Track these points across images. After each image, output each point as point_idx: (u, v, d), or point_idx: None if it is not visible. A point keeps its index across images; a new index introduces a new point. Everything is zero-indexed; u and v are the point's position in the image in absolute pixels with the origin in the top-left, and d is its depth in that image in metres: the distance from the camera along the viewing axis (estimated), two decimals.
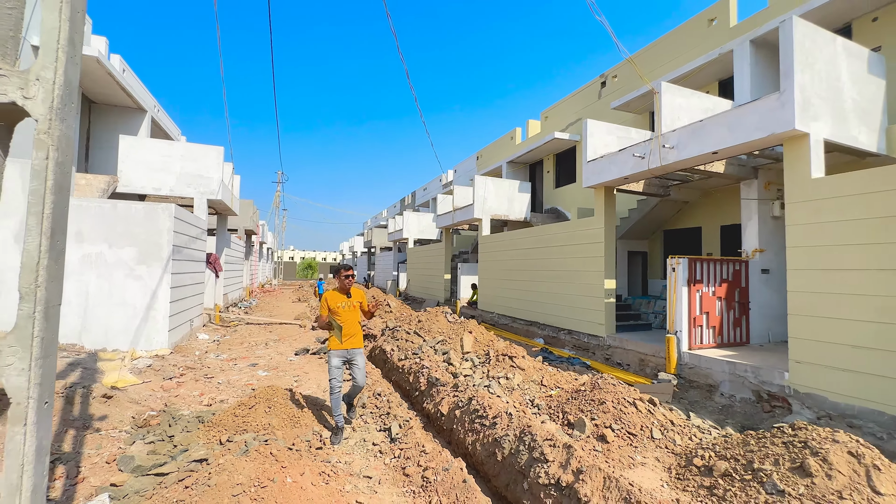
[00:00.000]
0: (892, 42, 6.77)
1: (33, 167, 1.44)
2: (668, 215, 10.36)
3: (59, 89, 1.47)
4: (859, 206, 4.61)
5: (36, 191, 1.44)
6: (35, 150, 1.44)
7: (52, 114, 1.46)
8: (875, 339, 4.44)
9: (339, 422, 4.35)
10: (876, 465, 2.80)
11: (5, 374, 1.38)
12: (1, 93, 1.41)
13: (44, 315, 1.45)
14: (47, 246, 1.45)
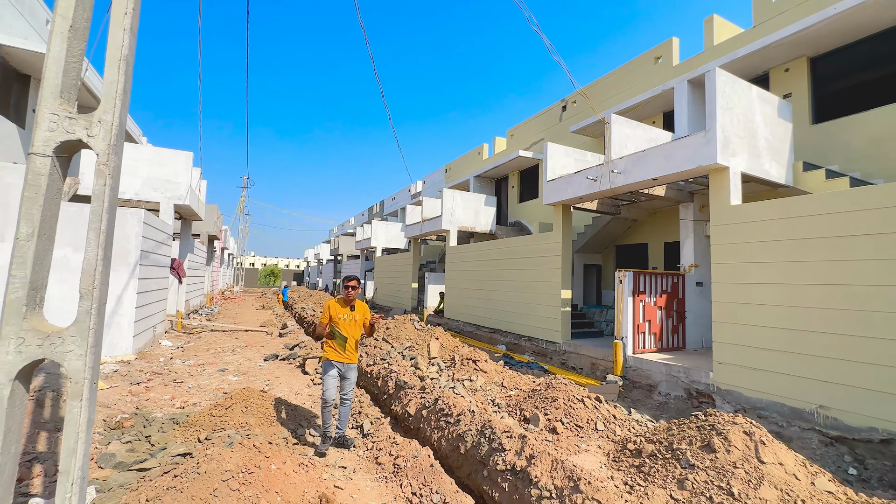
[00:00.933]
0: (800, 89, 7.95)
1: (94, 191, 1.78)
2: (619, 232, 11.31)
3: (115, 129, 1.83)
4: (766, 230, 5.49)
5: (95, 211, 1.78)
6: (95, 178, 1.79)
7: (109, 149, 1.81)
8: (777, 342, 5.28)
9: (328, 431, 4.30)
10: (763, 440, 3.48)
11: (67, 358, 1.70)
12: (69, 132, 1.75)
13: (97, 311, 1.78)
14: (102, 255, 1.79)
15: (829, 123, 7.53)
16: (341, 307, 4.37)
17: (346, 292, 4.36)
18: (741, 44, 8.51)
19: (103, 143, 1.80)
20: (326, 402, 4.23)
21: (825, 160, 7.45)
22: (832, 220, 4.88)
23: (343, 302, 4.40)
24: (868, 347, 4.50)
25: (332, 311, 4.31)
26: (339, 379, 4.38)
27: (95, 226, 1.77)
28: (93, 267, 1.76)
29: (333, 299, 4.47)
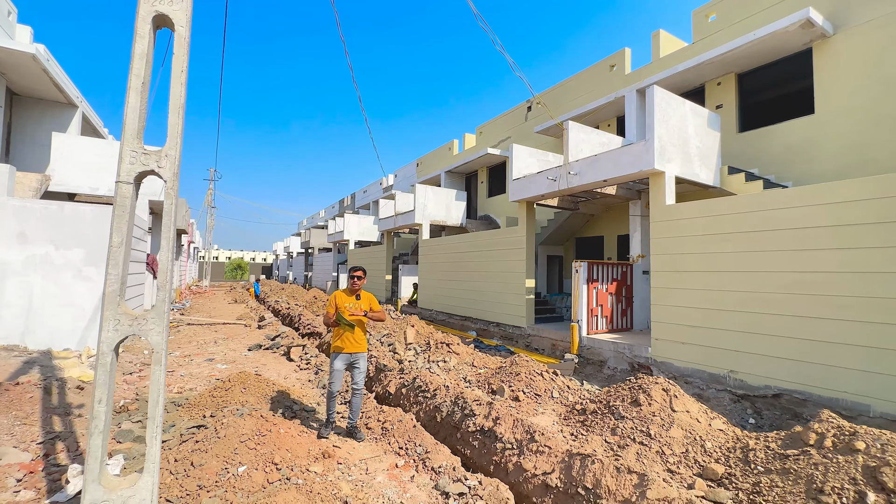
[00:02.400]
0: (729, 101, 9.09)
1: (165, 209, 2.34)
2: (578, 226, 12.34)
3: (177, 161, 2.39)
4: (693, 226, 6.50)
5: (166, 224, 2.35)
6: (165, 199, 2.35)
7: (173, 177, 2.38)
8: (700, 320, 6.33)
9: (331, 417, 4.37)
10: (675, 395, 4.42)
11: (150, 335, 2.28)
12: (145, 164, 2.31)
13: (167, 299, 2.37)
14: (170, 258, 2.37)
15: (753, 132, 8.70)
16: (347, 297, 4.38)
17: (352, 282, 4.39)
18: (681, 59, 9.56)
19: (169, 173, 2.37)
20: (332, 393, 4.26)
21: (749, 164, 8.62)
22: (743, 218, 5.91)
23: (349, 292, 4.42)
24: (766, 321, 5.57)
25: (339, 301, 4.33)
26: (349, 368, 4.41)
27: (167, 235, 2.34)
28: (165, 266, 2.34)
29: (339, 290, 4.49)
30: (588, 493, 3.45)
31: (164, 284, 2.34)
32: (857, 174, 6.97)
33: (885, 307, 4.59)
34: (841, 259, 4.96)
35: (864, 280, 4.77)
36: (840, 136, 7.43)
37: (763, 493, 3.12)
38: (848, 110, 7.37)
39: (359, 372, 4.40)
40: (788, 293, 5.39)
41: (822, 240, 5.11)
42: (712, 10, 9.37)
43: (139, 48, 2.32)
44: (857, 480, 2.79)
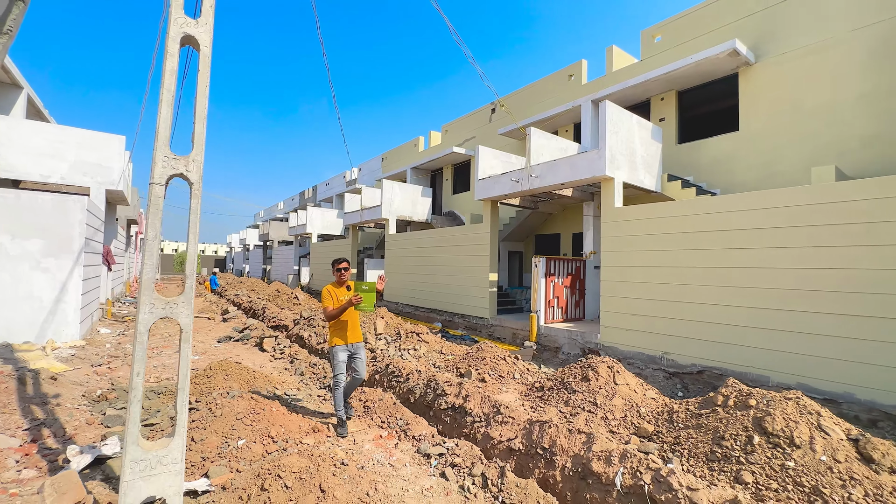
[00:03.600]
0: (670, 115, 10.18)
1: (191, 209, 2.68)
2: (537, 223, 13.20)
3: (201, 166, 2.73)
4: (636, 227, 7.39)
5: (193, 222, 2.68)
6: (192, 200, 2.68)
7: (199, 180, 2.71)
8: (640, 309, 7.24)
9: (340, 415, 4.40)
10: (618, 371, 5.20)
11: (181, 317, 2.62)
12: (175, 168, 2.63)
13: (193, 286, 2.71)
14: (196, 250, 2.71)
15: (689, 144, 9.82)
16: (338, 289, 4.47)
17: (340, 274, 4.49)
18: (631, 75, 10.55)
19: (196, 176, 2.70)
20: (338, 384, 4.36)
21: (686, 173, 9.74)
22: (678, 220, 6.84)
23: (338, 284, 4.52)
24: (694, 310, 6.53)
25: (334, 294, 4.40)
26: (350, 359, 4.51)
27: (194, 230, 2.68)
28: (193, 257, 2.68)
29: (329, 284, 4.54)
30: (545, 451, 4.10)
31: (191, 274, 2.68)
32: (769, 185, 8.18)
33: (782, 297, 5.62)
34: (751, 256, 5.96)
35: (768, 274, 5.78)
36: (757, 152, 8.63)
37: (681, 443, 3.90)
38: (764, 130, 8.58)
39: (360, 360, 4.51)
40: (711, 285, 6.37)
41: (738, 240, 6.10)
42: (658, 32, 10.41)
43: (169, 65, 2.63)
44: (748, 428, 3.61)
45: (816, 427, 3.47)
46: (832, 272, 5.25)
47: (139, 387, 2.51)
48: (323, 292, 4.46)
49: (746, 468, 3.34)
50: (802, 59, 8.10)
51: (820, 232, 5.37)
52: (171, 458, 2.59)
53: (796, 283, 5.53)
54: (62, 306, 7.60)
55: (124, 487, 2.46)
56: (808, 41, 8.02)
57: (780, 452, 3.35)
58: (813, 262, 5.41)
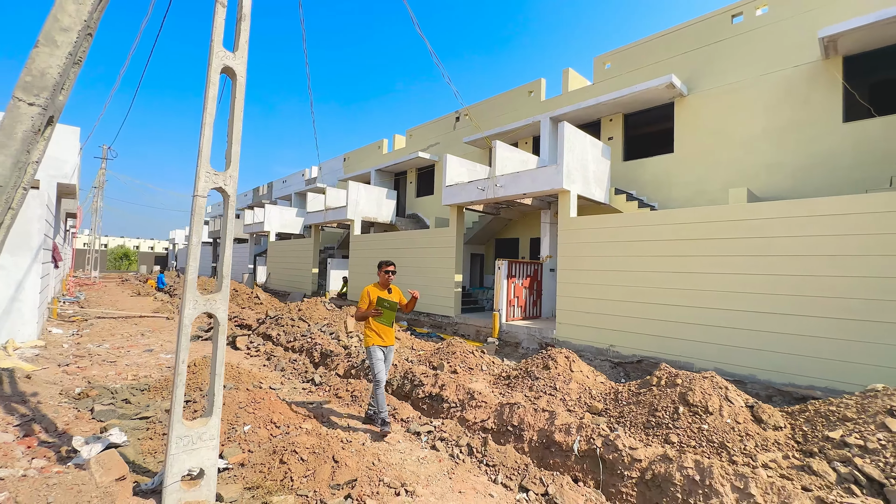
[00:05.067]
0: (618, 135, 11.40)
1: (227, 216, 3.07)
2: (498, 228, 14.08)
3: (236, 181, 3.13)
4: (588, 234, 8.37)
5: (227, 227, 3.08)
6: (228, 210, 3.08)
7: (234, 193, 3.11)
8: (591, 307, 8.22)
9: (384, 416, 4.38)
10: (573, 360, 6.05)
11: (218, 311, 3.01)
12: (215, 182, 3.01)
13: (228, 286, 3.11)
14: (228, 253, 3.11)
15: (633, 161, 11.08)
16: (380, 290, 4.47)
17: (387, 276, 4.50)
18: (584, 97, 11.69)
19: (231, 189, 3.10)
20: (380, 383, 4.36)
21: (630, 187, 10.97)
22: (622, 230, 7.87)
23: (381, 286, 4.51)
24: (634, 308, 7.57)
25: (372, 297, 4.44)
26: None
27: (229, 239, 3.09)
28: (226, 258, 3.08)
29: (371, 284, 4.56)
30: (515, 428, 4.80)
31: (226, 274, 3.09)
32: (697, 202, 9.51)
33: (701, 297, 6.75)
34: (678, 263, 7.07)
35: (691, 278, 6.90)
36: (688, 172, 9.99)
37: (625, 416, 4.76)
38: (694, 153, 9.95)
39: (388, 364, 4.63)
40: (648, 287, 7.44)
41: (669, 249, 7.20)
42: (609, 59, 11.61)
43: (211, 93, 3.01)
44: (675, 401, 4.52)
45: (725, 398, 4.44)
46: (738, 276, 6.43)
47: (183, 372, 2.88)
48: (362, 292, 4.52)
49: (673, 431, 4.23)
50: (724, 95, 9.52)
51: (730, 243, 6.54)
52: (209, 434, 2.98)
53: (712, 285, 6.68)
54: (18, 305, 7.32)
55: (170, 460, 2.82)
56: (728, 81, 9.45)
57: (698, 418, 4.27)
58: (725, 268, 6.57)
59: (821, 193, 8.04)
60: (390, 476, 3.42)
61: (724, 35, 9.52)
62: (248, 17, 3.26)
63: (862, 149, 7.76)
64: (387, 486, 3.30)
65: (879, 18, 7.02)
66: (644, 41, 10.95)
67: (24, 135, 2.27)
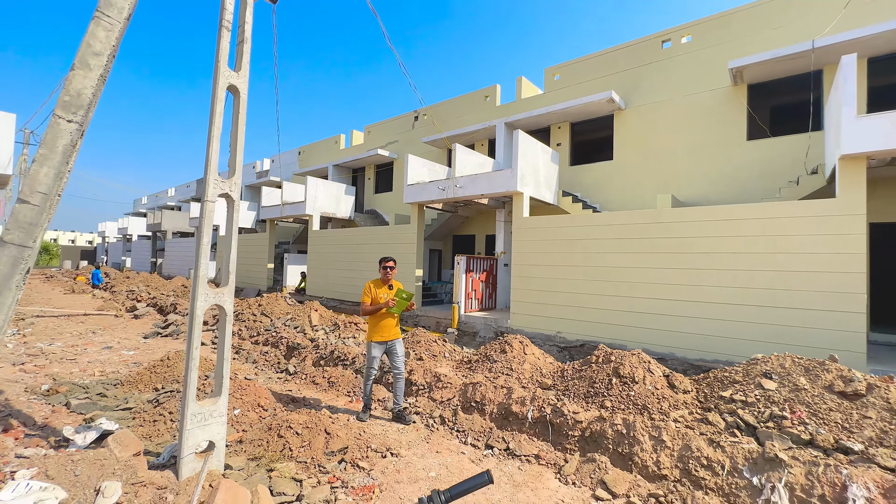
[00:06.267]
0: (566, 142, 12.47)
1: (232, 219, 3.44)
2: (456, 225, 14.80)
3: (239, 187, 3.50)
4: (538, 233, 9.27)
5: (232, 229, 3.45)
6: (234, 214, 3.46)
7: (239, 197, 3.49)
8: (541, 298, 9.15)
9: (367, 400, 4.69)
10: (526, 345, 6.87)
11: (226, 303, 3.39)
12: (222, 188, 3.37)
13: (234, 281, 3.49)
14: (235, 252, 3.49)
15: (578, 166, 12.21)
16: (381, 286, 4.62)
17: (385, 272, 4.67)
18: (535, 106, 12.65)
19: (236, 195, 3.48)
20: (368, 377, 4.63)
21: (575, 189, 12.09)
22: (569, 229, 8.84)
23: (382, 281, 4.67)
24: (577, 298, 8.58)
25: (374, 292, 4.58)
26: (387, 354, 4.74)
27: (235, 240, 3.47)
28: (231, 257, 3.47)
29: (371, 280, 4.67)
30: (478, 403, 5.51)
31: (232, 270, 3.47)
32: (632, 205, 10.76)
33: (631, 289, 7.85)
34: (614, 259, 8.14)
35: (624, 272, 7.99)
36: (624, 178, 11.24)
37: (570, 389, 5.62)
38: (629, 161, 11.21)
39: (398, 357, 4.68)
40: (590, 280, 8.46)
41: (606, 246, 8.25)
42: (558, 71, 12.63)
43: (218, 108, 3.37)
44: (609, 374, 5.44)
45: (648, 370, 5.41)
46: (662, 271, 7.58)
47: (196, 357, 3.25)
48: (364, 288, 4.65)
49: (607, 398, 5.13)
50: (654, 111, 10.82)
51: (656, 242, 7.68)
52: (218, 411, 3.38)
53: (641, 278, 7.80)
54: None
55: (185, 434, 3.20)
56: (658, 98, 10.76)
57: (626, 387, 5.19)
58: (651, 263, 7.71)
59: (729, 201, 9.50)
60: (376, 443, 3.97)
61: (655, 58, 10.81)
62: (249, 40, 3.63)
63: (761, 164, 9.28)
64: (374, 451, 3.86)
65: (775, 56, 8.45)
66: (589, 57, 12.06)
67: (64, 148, 2.57)
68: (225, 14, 3.41)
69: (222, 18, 3.41)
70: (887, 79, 8.67)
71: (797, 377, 4.71)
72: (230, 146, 3.56)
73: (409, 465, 3.69)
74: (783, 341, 6.35)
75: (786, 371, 4.89)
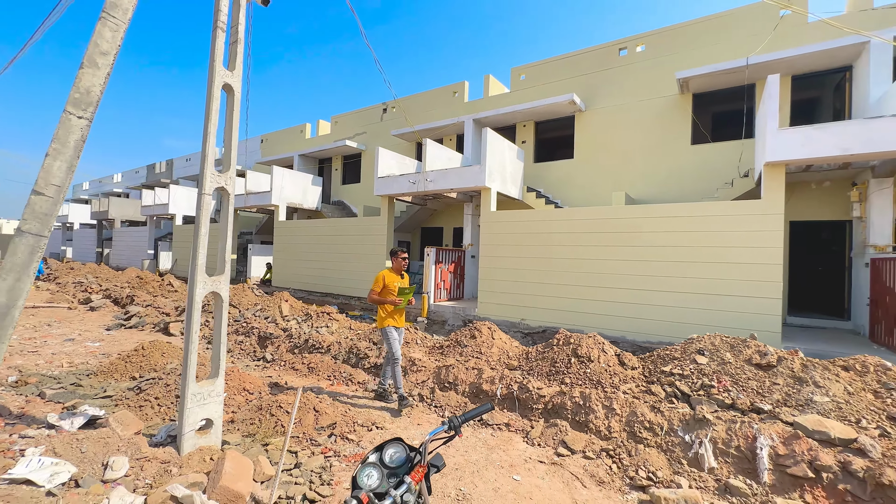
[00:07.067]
0: (530, 140, 13.09)
1: (226, 210, 3.64)
2: (424, 217, 15.14)
3: (234, 181, 3.70)
4: (504, 227, 9.83)
5: (225, 221, 3.66)
6: (229, 206, 3.65)
7: (233, 191, 3.68)
8: (507, 288, 9.74)
9: (402, 392, 4.88)
10: (494, 330, 7.40)
11: (222, 290, 3.60)
12: (218, 182, 3.56)
13: (229, 270, 3.70)
14: (228, 242, 3.70)
15: (542, 164, 12.88)
16: (394, 276, 4.78)
17: (401, 262, 4.86)
18: (502, 104, 13.17)
19: (231, 188, 3.68)
20: (397, 360, 4.80)
21: (539, 186, 12.76)
22: (532, 223, 9.44)
23: (395, 271, 4.82)
24: (540, 288, 9.22)
25: (387, 281, 4.76)
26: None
27: (225, 226, 3.68)
28: (225, 247, 3.68)
29: (386, 270, 4.84)
30: (451, 384, 5.97)
31: (229, 260, 3.69)
32: (591, 202, 11.56)
33: (588, 278, 8.58)
34: (573, 251, 8.83)
35: (583, 263, 8.70)
36: (584, 176, 12.03)
37: (534, 368, 6.20)
38: (588, 160, 12.00)
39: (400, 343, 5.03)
40: (550, 270, 9.12)
41: (566, 239, 8.92)
42: (523, 72, 13.19)
43: (214, 106, 3.54)
44: (569, 355, 6.06)
45: (602, 350, 6.08)
46: (616, 262, 8.35)
47: (196, 341, 3.47)
48: (377, 276, 4.84)
49: (567, 375, 5.74)
50: (611, 114, 11.63)
51: (610, 236, 8.43)
52: (216, 391, 3.62)
53: (597, 269, 8.54)
54: None
55: (186, 413, 3.42)
56: (615, 102, 11.57)
57: (583, 365, 5.83)
58: (606, 255, 8.46)
59: (675, 200, 10.47)
60: (362, 419, 4.33)
61: (613, 64, 11.59)
62: (243, 41, 3.82)
63: (702, 166, 10.29)
64: (360, 426, 4.22)
65: (715, 69, 9.39)
66: (553, 59, 12.69)
67: (75, 143, 2.73)
68: (220, 16, 3.58)
69: (217, 20, 3.58)
70: (808, 94, 9.86)
71: (724, 353, 5.51)
72: (224, 142, 3.75)
73: (395, 435, 4.08)
74: (715, 323, 7.26)
75: (715, 348, 5.68)
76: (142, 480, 3.00)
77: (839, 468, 3.50)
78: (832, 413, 4.20)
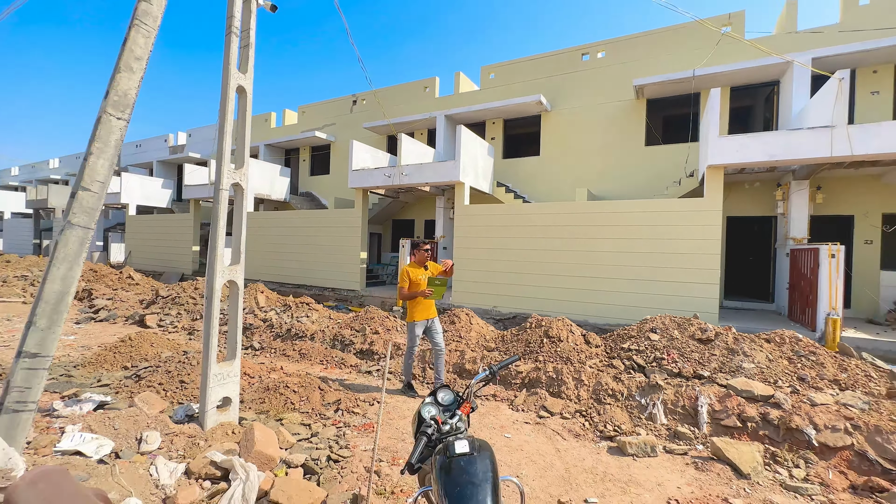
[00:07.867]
0: (499, 136, 13.72)
1: (242, 206, 3.90)
2: (396, 210, 15.45)
3: (248, 176, 3.97)
4: (477, 220, 10.41)
5: (241, 215, 3.93)
6: (243, 201, 3.93)
7: (247, 186, 3.95)
8: (479, 277, 10.35)
9: (408, 380, 5.05)
10: (472, 316, 7.99)
11: (238, 279, 3.88)
12: (234, 178, 3.80)
13: (242, 260, 3.98)
14: (243, 233, 3.98)
15: (511, 160, 13.56)
16: (418, 269, 4.87)
17: (424, 255, 5.00)
18: (472, 102, 13.68)
19: (244, 184, 3.94)
20: (411, 353, 4.98)
21: (508, 181, 13.44)
22: (503, 217, 10.08)
23: (417, 264, 4.95)
24: (511, 277, 9.91)
25: (412, 275, 4.83)
26: (426, 332, 4.99)
27: (239, 220, 3.96)
28: (239, 239, 3.97)
29: (408, 264, 4.90)
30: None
31: (240, 254, 3.97)
32: (555, 197, 12.38)
33: (554, 268, 9.36)
34: (540, 243, 9.57)
35: (549, 254, 9.46)
36: (549, 173, 12.83)
37: (510, 349, 6.84)
38: (553, 158, 12.80)
39: (437, 333, 4.97)
40: (521, 261, 9.83)
41: (535, 232, 9.64)
42: (493, 71, 13.75)
43: (230, 107, 3.78)
44: (541, 336, 6.74)
45: (570, 332, 6.81)
46: (578, 253, 9.17)
47: (216, 326, 3.75)
48: (401, 273, 4.89)
49: (540, 354, 6.42)
50: (574, 115, 12.47)
51: (574, 229, 9.22)
52: (234, 371, 3.92)
53: (562, 259, 9.33)
54: None
55: (208, 392, 3.71)
56: (577, 104, 12.40)
57: (554, 345, 6.53)
58: (570, 246, 9.26)
59: (630, 196, 11.48)
60: (364, 396, 4.76)
61: (576, 68, 12.40)
62: (254, 44, 4.07)
63: (654, 166, 11.35)
64: (363, 402, 4.64)
65: (666, 78, 10.38)
66: (521, 60, 13.33)
67: (115, 142, 2.96)
68: (233, 21, 3.83)
69: (230, 25, 3.83)
70: (744, 103, 11.10)
71: (672, 330, 6.39)
72: (236, 140, 4.01)
73: (396, 408, 4.56)
74: (665, 306, 8.25)
75: (665, 327, 6.56)
76: (174, 452, 3.29)
77: (760, 418, 4.36)
78: (756, 376, 5.11)
